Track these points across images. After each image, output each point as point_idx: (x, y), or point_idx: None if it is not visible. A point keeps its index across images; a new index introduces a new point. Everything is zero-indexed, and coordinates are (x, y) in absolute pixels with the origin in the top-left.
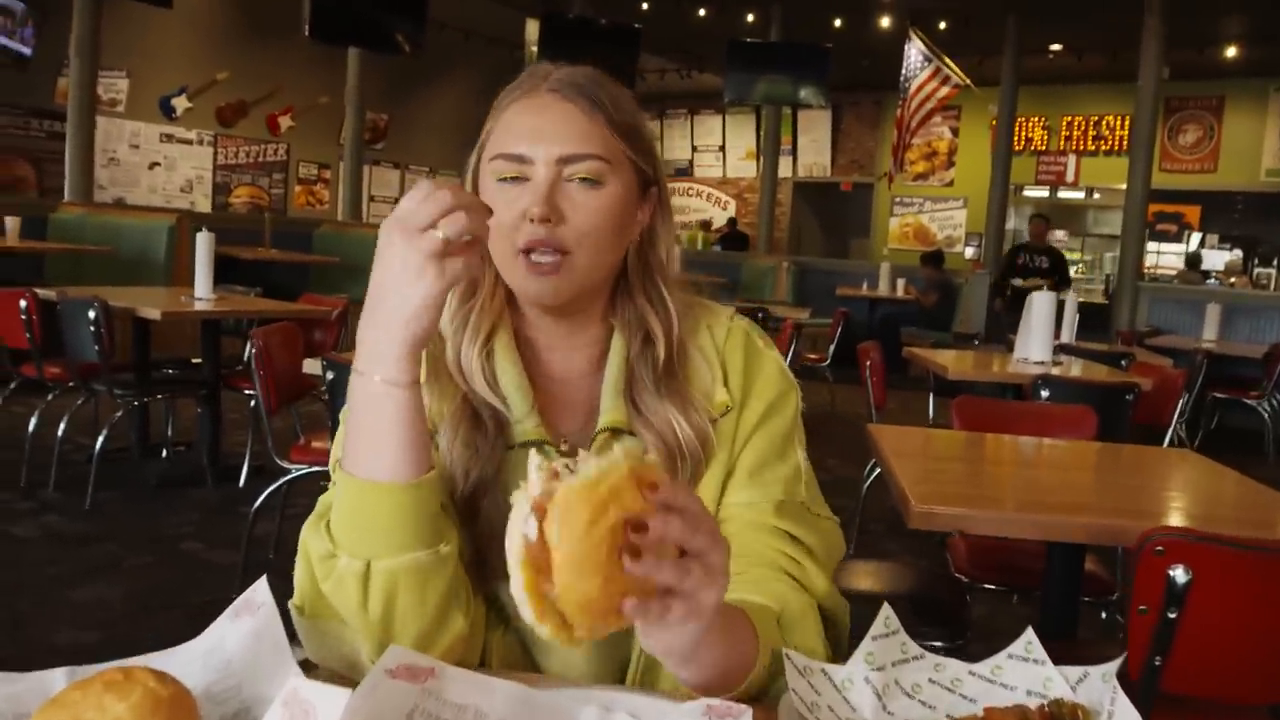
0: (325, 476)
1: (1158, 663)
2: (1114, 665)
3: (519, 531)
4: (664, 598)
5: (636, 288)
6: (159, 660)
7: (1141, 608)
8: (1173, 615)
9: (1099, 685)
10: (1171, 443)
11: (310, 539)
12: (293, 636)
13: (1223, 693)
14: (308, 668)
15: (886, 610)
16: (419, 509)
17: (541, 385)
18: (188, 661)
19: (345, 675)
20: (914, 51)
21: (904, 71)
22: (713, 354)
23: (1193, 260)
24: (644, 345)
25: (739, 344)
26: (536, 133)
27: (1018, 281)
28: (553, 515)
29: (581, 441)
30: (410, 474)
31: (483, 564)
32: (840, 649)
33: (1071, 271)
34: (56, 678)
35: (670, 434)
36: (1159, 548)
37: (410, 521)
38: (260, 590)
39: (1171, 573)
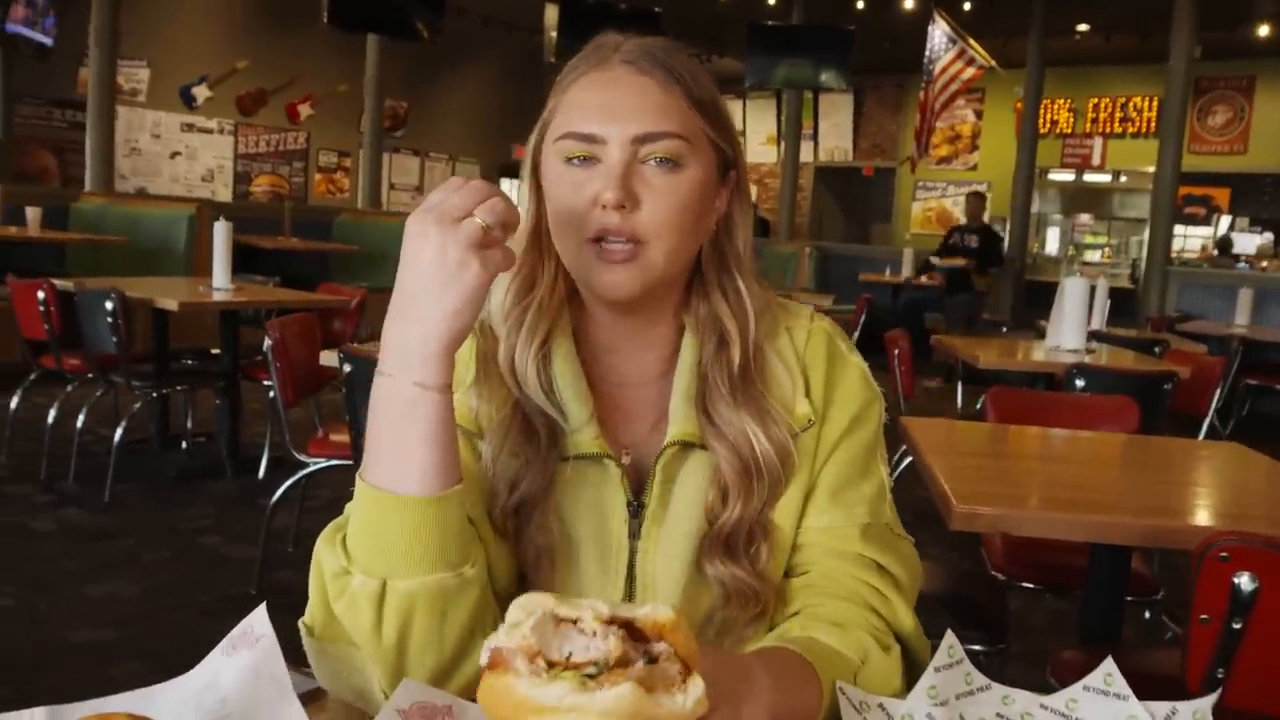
0: (344, 470)
1: (1221, 675)
2: (1208, 702)
3: (486, 644)
4: None
5: (712, 283)
6: (145, 699)
7: (1203, 617)
8: (1237, 626)
9: None
10: (1207, 432)
11: (324, 553)
12: (295, 664)
13: None
14: (310, 700)
15: (950, 639)
16: (444, 526)
17: (603, 390)
18: (179, 700)
19: (356, 705)
20: (938, 33)
21: (927, 53)
22: (793, 360)
23: (1224, 244)
24: (719, 348)
25: (821, 349)
26: (608, 109)
27: (935, 260)
28: (487, 683)
29: (647, 454)
30: (437, 487)
31: (524, 585)
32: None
33: (1098, 255)
34: (36, 718)
35: (747, 448)
36: (1223, 554)
37: (433, 539)
38: (259, 620)
39: (1237, 580)
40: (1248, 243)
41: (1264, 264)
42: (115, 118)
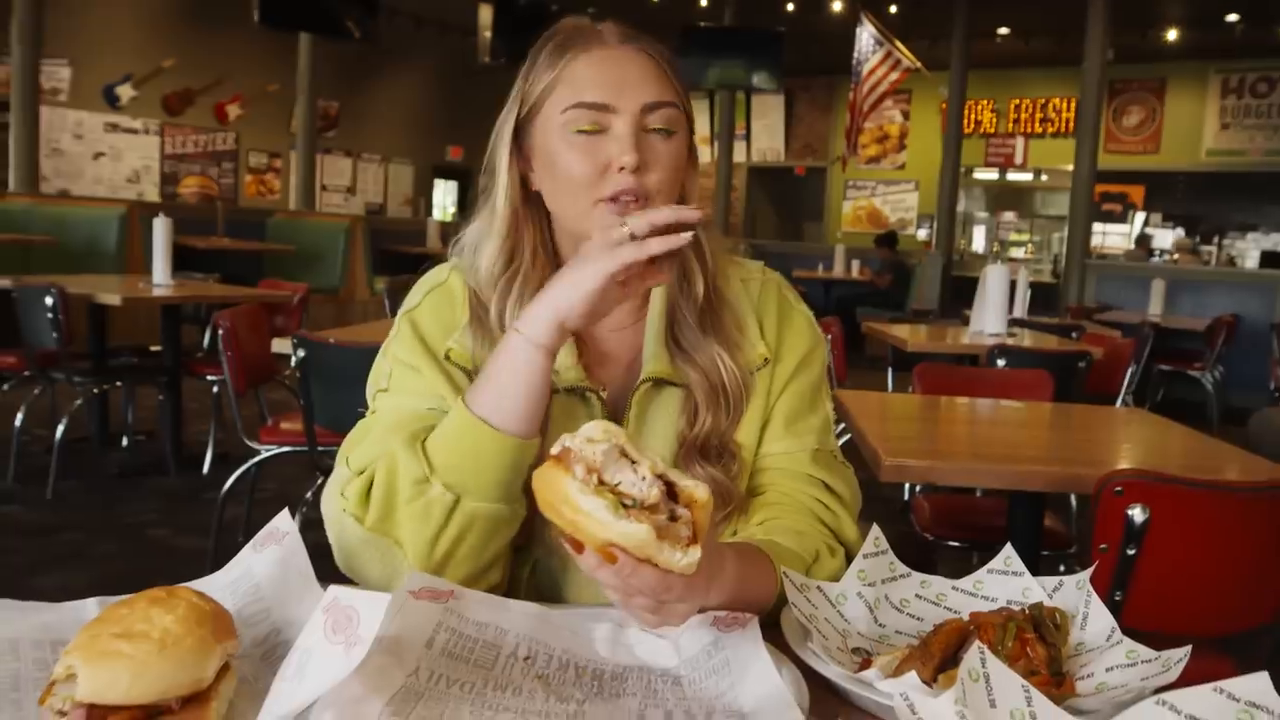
0: (292, 463)
1: (1118, 598)
2: (1086, 573)
3: (561, 440)
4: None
5: None
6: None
7: (1102, 546)
8: (1131, 552)
9: (1074, 592)
10: None
11: (405, 457)
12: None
13: (1179, 626)
14: None
15: (875, 531)
16: (521, 466)
17: (582, 337)
18: (217, 589)
19: None
20: (865, 35)
21: (856, 55)
22: (748, 307)
23: (1142, 239)
24: (685, 286)
25: (773, 298)
26: (617, 82)
27: None
28: (546, 469)
29: (622, 390)
30: (529, 432)
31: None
32: None
33: (1021, 252)
34: (88, 606)
35: (715, 372)
36: (1118, 488)
37: (510, 475)
38: (284, 520)
39: (1130, 512)
40: (1161, 238)
41: (1176, 256)
42: (39, 117)
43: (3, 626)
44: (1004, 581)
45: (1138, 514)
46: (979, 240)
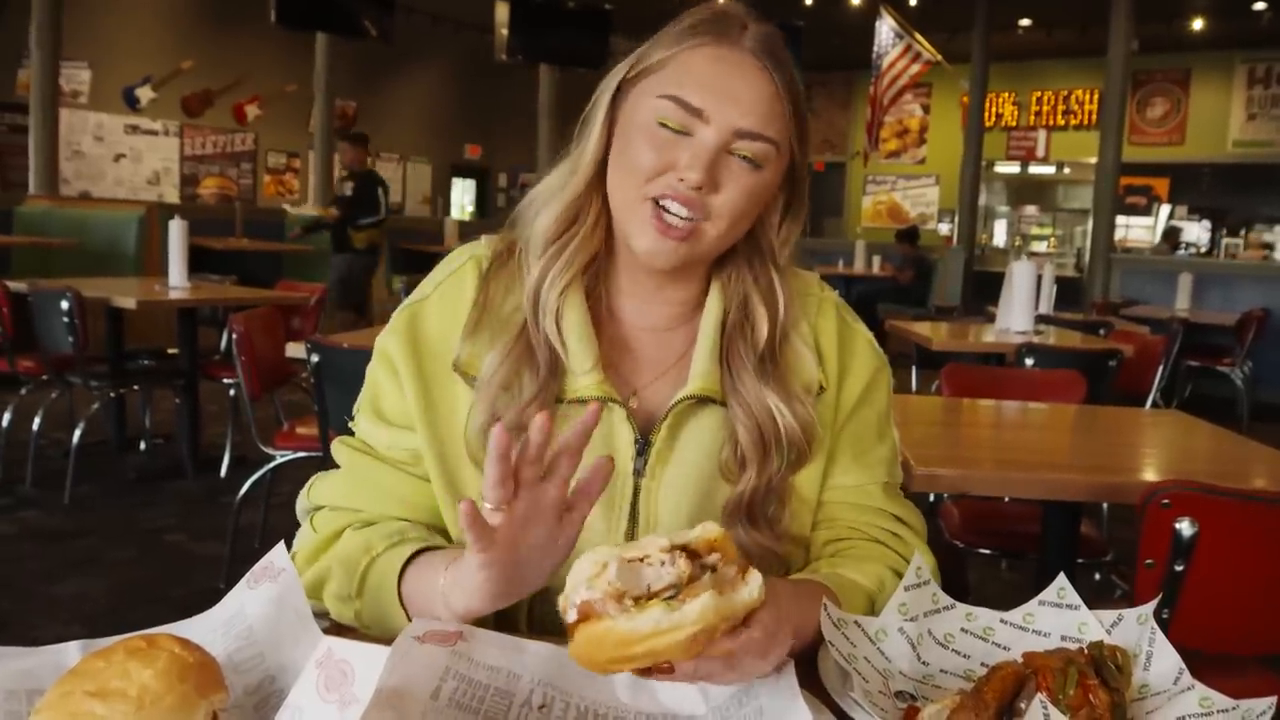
0: (309, 465)
1: (1165, 616)
2: (1149, 607)
3: (565, 597)
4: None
5: (744, 267)
6: (178, 630)
7: (1148, 562)
8: (1179, 568)
9: (1135, 627)
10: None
11: (340, 572)
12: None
13: (1229, 645)
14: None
15: (917, 560)
16: None
17: (617, 333)
18: (208, 630)
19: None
20: (885, 29)
21: (875, 49)
22: (806, 329)
23: (1169, 233)
24: (745, 318)
25: (831, 320)
26: (724, 92)
27: (291, 209)
28: (582, 634)
29: (655, 403)
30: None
31: None
32: None
33: (1044, 246)
34: (70, 651)
35: (769, 422)
36: (1165, 501)
37: None
38: (279, 555)
39: (1178, 526)
40: (1191, 232)
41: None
42: (58, 120)
43: None
44: (1057, 615)
45: (1186, 528)
46: (1000, 234)
